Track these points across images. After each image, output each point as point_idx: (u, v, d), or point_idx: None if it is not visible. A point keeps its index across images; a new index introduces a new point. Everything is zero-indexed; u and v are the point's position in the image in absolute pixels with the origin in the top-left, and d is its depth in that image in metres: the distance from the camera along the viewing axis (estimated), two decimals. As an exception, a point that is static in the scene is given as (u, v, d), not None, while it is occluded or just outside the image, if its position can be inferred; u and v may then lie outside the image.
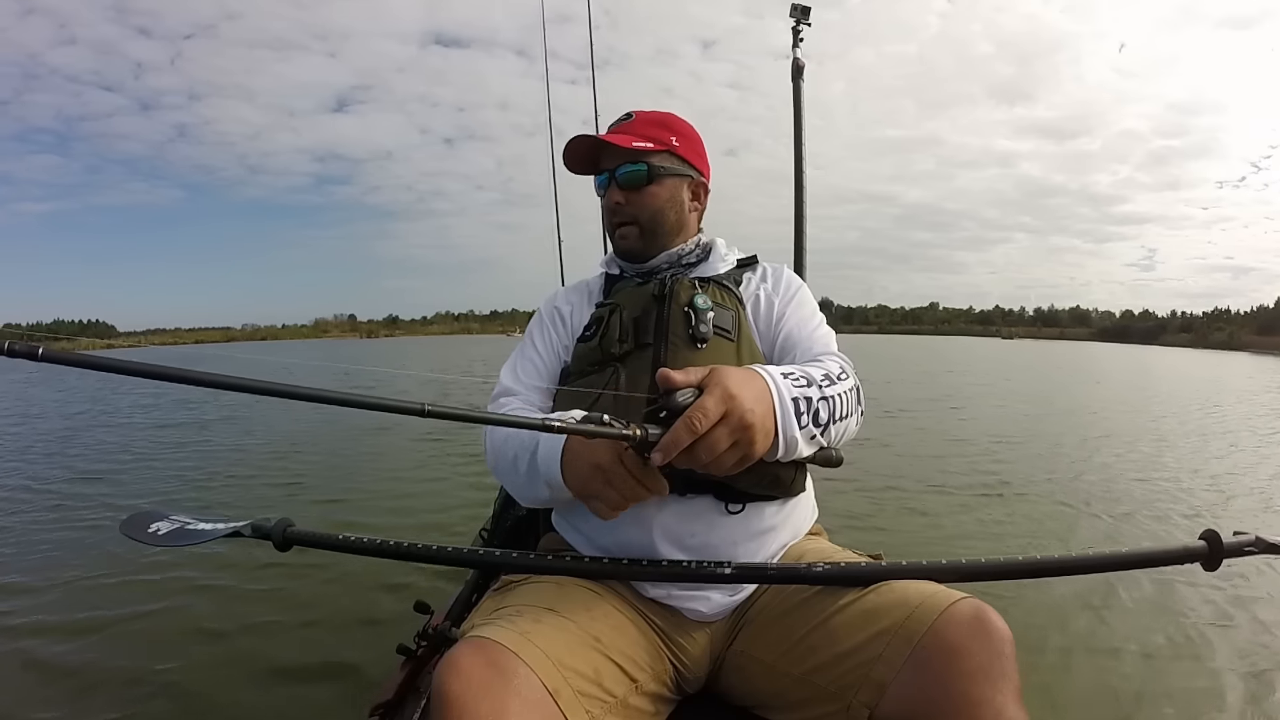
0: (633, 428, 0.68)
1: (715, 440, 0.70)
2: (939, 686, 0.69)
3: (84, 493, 4.32)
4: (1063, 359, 27.56)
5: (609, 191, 1.05)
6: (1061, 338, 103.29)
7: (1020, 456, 5.65)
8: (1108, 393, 12.78)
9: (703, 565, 0.86)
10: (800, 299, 1.06)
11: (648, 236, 1.06)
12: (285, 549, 1.01)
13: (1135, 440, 6.54)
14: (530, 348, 1.10)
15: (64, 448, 6.16)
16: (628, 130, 1.04)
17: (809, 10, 2.50)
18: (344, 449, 5.96)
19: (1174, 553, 0.83)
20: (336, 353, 38.34)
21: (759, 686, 0.88)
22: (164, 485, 4.62)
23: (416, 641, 1.09)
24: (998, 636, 0.70)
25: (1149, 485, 4.57)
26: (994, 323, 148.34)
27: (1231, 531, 0.83)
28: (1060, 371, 18.57)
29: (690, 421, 0.68)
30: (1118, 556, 0.83)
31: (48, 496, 4.24)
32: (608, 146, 1.05)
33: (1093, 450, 5.94)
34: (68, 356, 0.55)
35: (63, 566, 2.88)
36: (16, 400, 11.40)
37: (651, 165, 1.04)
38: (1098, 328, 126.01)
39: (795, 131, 2.51)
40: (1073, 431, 7.07)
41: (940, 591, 0.77)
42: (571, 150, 1.06)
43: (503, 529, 1.38)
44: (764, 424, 0.74)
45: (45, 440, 6.65)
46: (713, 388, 0.71)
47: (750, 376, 0.76)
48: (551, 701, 0.71)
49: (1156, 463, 5.43)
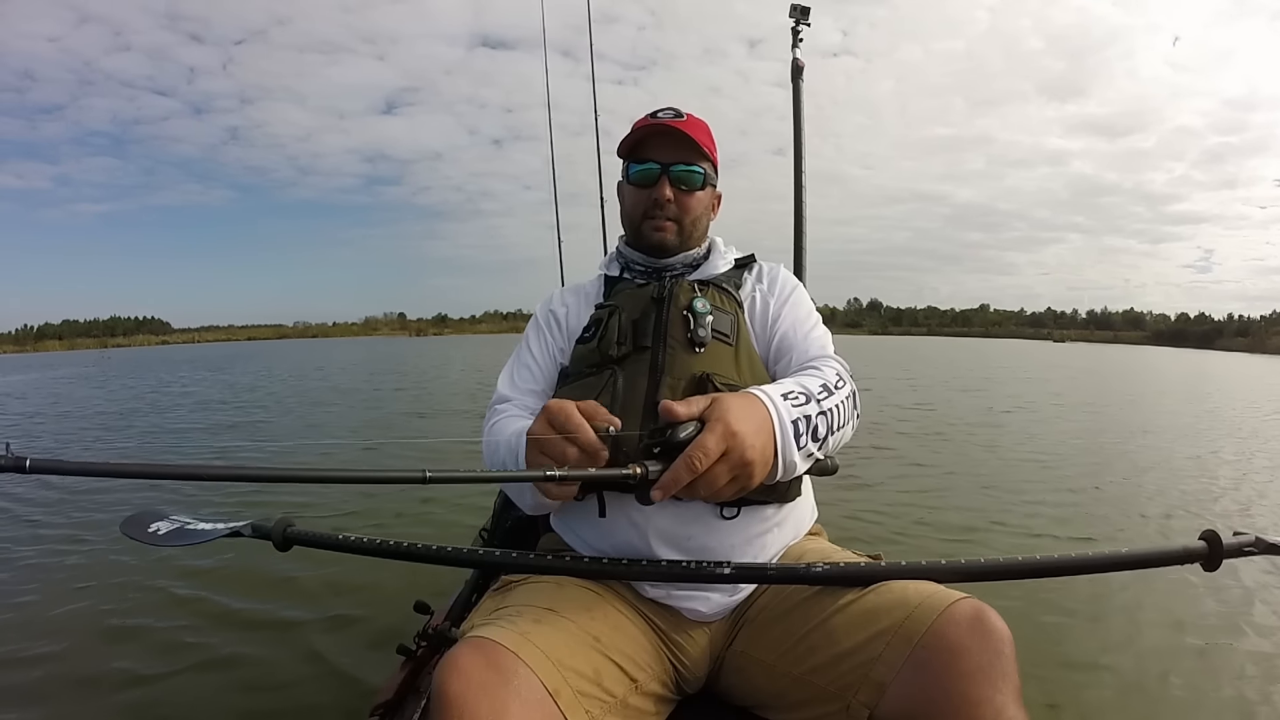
0: (633, 467, 0.68)
1: (715, 477, 0.70)
2: (939, 686, 0.69)
3: (83, 492, 4.32)
4: (1118, 365, 25.03)
5: (659, 184, 1.03)
6: (1115, 341, 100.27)
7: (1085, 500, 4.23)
8: (1176, 407, 10.14)
9: (702, 565, 0.86)
10: (795, 300, 1.06)
11: (683, 236, 1.06)
12: (285, 549, 1.01)
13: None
14: (526, 353, 1.10)
15: (68, 445, 6.16)
16: (686, 128, 1.03)
17: (809, 10, 2.51)
18: (344, 449, 5.95)
19: (1174, 553, 0.83)
20: (385, 350, 37.57)
21: (759, 686, 0.88)
22: (164, 484, 4.61)
23: (416, 641, 1.09)
24: (997, 636, 0.71)
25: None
26: (1045, 325, 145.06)
27: (1231, 532, 0.83)
28: (1120, 382, 15.90)
29: (691, 461, 0.68)
30: (1118, 557, 0.82)
31: (49, 494, 4.24)
32: (657, 137, 1.04)
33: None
34: (54, 465, 0.59)
35: (63, 566, 2.88)
36: (50, 396, 11.45)
37: (706, 171, 1.05)
38: (1152, 331, 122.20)
39: (795, 132, 2.52)
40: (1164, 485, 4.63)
41: (940, 591, 0.77)
42: (640, 132, 1.04)
43: (502, 529, 1.38)
44: (764, 455, 0.74)
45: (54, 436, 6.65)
46: (714, 424, 0.70)
47: (751, 406, 0.76)
48: (551, 701, 0.71)
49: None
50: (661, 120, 1.03)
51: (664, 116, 1.04)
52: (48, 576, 2.76)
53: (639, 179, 1.05)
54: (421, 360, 23.47)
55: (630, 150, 1.07)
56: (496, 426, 0.99)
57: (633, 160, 1.06)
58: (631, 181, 1.07)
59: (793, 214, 2.50)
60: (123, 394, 12.10)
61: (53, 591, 2.62)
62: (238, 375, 16.42)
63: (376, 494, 3.98)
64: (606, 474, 0.68)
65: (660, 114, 1.05)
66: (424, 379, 14.55)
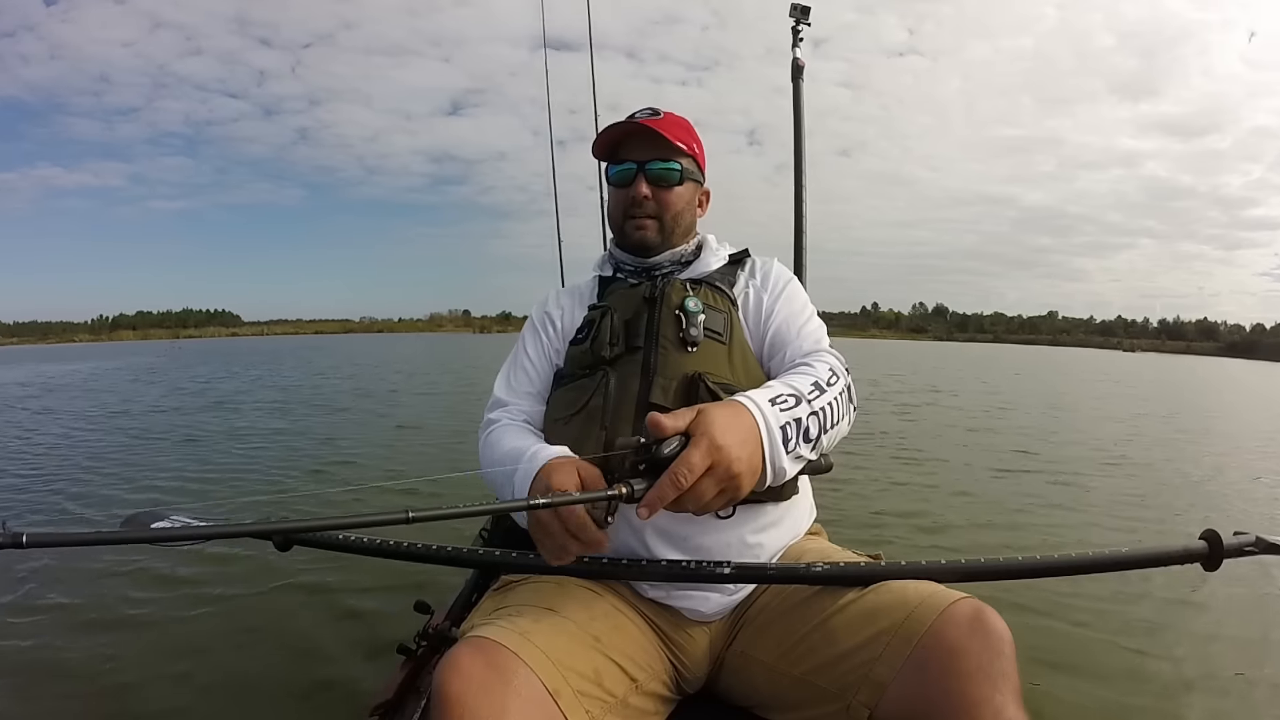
0: (617, 487, 0.68)
1: (701, 491, 0.70)
2: (938, 686, 0.69)
3: (85, 490, 4.33)
4: (1193, 378, 22.69)
5: (635, 183, 1.04)
6: (1188, 352, 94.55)
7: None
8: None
9: (702, 565, 0.86)
10: (789, 294, 1.05)
11: (664, 233, 1.06)
12: (286, 549, 1.01)
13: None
14: (523, 355, 1.10)
15: (72, 445, 6.16)
16: (660, 126, 1.03)
17: (809, 10, 2.50)
18: (344, 449, 5.96)
19: (1174, 553, 0.83)
20: (449, 346, 37.64)
21: (758, 687, 0.88)
22: (164, 485, 4.62)
23: (416, 641, 1.09)
24: (997, 636, 0.71)
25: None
26: (1115, 334, 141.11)
27: (1232, 531, 0.83)
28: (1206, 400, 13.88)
29: (676, 477, 0.67)
30: (1118, 557, 0.82)
31: (51, 492, 4.25)
32: (633, 137, 1.04)
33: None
34: (50, 539, 0.61)
35: (62, 566, 2.87)
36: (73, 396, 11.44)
37: (683, 166, 1.05)
38: (1226, 342, 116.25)
39: (795, 131, 2.52)
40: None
41: (940, 591, 0.77)
42: (614, 133, 1.05)
43: (502, 529, 1.38)
44: (751, 465, 0.73)
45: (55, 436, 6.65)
46: (699, 438, 0.69)
47: (737, 415, 0.75)
48: (551, 701, 0.71)
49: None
50: (637, 120, 1.04)
51: (640, 116, 1.05)
52: (47, 575, 2.76)
53: (618, 179, 1.07)
54: (485, 352, 23.30)
55: (610, 153, 1.08)
56: (492, 438, 0.99)
57: (612, 162, 1.08)
58: (612, 182, 1.08)
59: (793, 214, 2.49)
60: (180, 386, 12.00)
61: (53, 591, 2.62)
62: (288, 374, 16.20)
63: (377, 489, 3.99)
64: (592, 496, 0.68)
65: (637, 114, 1.06)
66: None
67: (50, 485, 4.54)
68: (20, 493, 4.37)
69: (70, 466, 5.16)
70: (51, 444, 6.26)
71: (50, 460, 5.45)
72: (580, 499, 0.68)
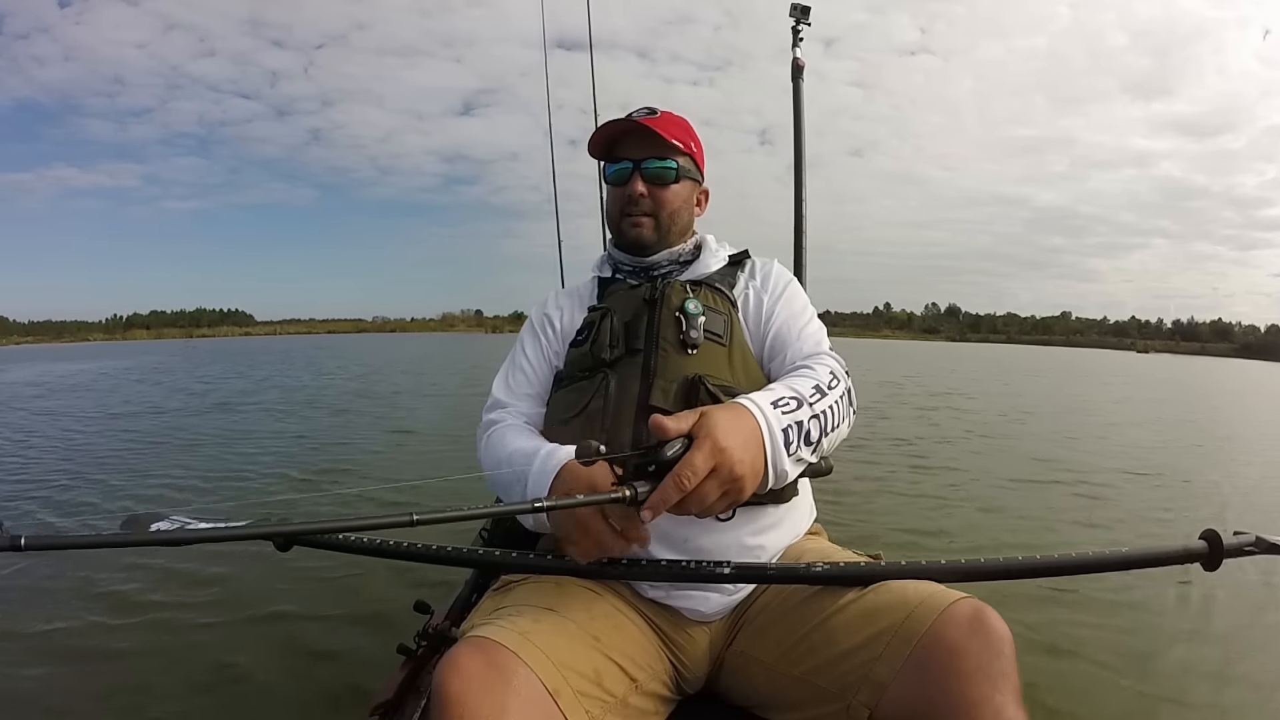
0: (621, 489, 0.68)
1: (704, 494, 0.70)
2: (938, 686, 0.69)
3: (84, 491, 4.33)
4: (1209, 380, 22.13)
5: (630, 181, 1.04)
6: (1202, 353, 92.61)
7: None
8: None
9: (702, 565, 0.86)
10: (789, 295, 1.05)
11: (661, 231, 1.06)
12: (286, 549, 1.01)
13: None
14: (522, 356, 1.10)
15: (71, 445, 6.16)
16: (656, 125, 1.03)
17: (809, 10, 2.50)
18: (344, 449, 5.96)
19: (1174, 553, 0.83)
20: (461, 345, 37.44)
21: (758, 687, 0.88)
22: (165, 485, 4.62)
23: (416, 641, 1.09)
24: (997, 636, 0.71)
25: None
26: (1129, 335, 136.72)
27: (1232, 531, 0.82)
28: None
29: (679, 480, 0.68)
30: (1118, 556, 0.82)
31: (49, 492, 4.25)
32: (630, 136, 1.04)
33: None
34: (49, 541, 0.62)
35: (62, 566, 2.87)
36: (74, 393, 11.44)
37: (680, 164, 1.05)
38: (1241, 343, 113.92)
39: (795, 131, 2.52)
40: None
41: (939, 591, 0.77)
42: (610, 131, 1.05)
43: (503, 529, 1.38)
44: (754, 468, 0.74)
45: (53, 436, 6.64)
46: (702, 440, 0.70)
47: (739, 418, 0.75)
48: (551, 701, 0.71)
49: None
50: (633, 118, 1.04)
51: (636, 115, 1.05)
52: (47, 576, 2.76)
53: (614, 178, 1.07)
54: (495, 353, 23.44)
55: (607, 151, 1.08)
56: (494, 438, 0.99)
57: (609, 160, 1.08)
58: (608, 181, 1.09)
59: (793, 215, 2.50)
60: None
61: (53, 591, 2.62)
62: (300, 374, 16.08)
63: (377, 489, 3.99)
64: (596, 499, 0.69)
65: (634, 113, 1.06)
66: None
67: (51, 486, 4.54)
68: (20, 493, 4.37)
69: (70, 467, 5.16)
70: (51, 445, 6.26)
71: (50, 460, 5.45)
72: (585, 501, 0.68)
